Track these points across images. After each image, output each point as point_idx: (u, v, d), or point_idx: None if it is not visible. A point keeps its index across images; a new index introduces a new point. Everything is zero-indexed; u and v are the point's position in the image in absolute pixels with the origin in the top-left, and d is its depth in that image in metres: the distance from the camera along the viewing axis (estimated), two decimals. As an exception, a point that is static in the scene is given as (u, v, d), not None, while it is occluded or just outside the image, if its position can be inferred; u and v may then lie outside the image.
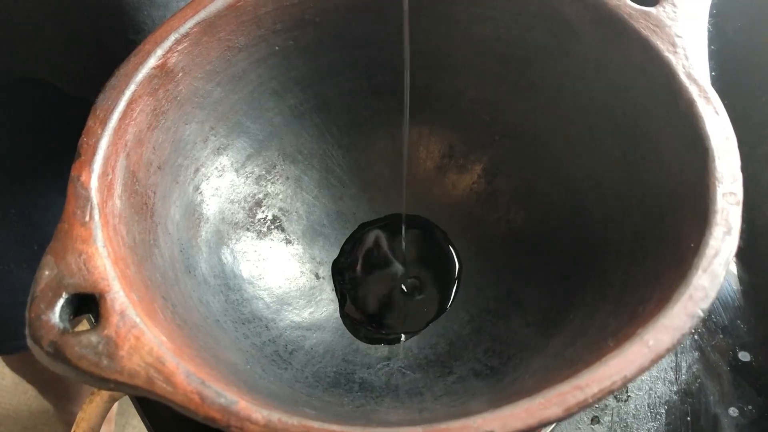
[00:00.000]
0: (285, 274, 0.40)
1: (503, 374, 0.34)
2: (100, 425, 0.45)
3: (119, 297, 0.28)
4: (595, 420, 0.39)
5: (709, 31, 0.48)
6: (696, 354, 0.42)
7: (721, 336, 0.42)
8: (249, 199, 0.41)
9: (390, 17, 0.41)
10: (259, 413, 0.25)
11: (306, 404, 0.32)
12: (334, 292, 0.40)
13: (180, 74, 0.37)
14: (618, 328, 0.30)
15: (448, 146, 0.43)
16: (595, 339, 0.31)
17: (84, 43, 0.49)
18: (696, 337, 0.42)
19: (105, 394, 0.46)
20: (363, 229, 0.43)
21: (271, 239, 0.41)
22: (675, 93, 0.34)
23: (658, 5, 0.36)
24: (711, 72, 0.40)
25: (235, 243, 0.39)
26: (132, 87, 0.34)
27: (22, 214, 0.63)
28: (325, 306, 0.40)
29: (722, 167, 0.31)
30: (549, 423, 0.25)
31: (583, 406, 0.25)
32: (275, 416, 0.25)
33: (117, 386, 0.26)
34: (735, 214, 0.30)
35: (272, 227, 0.41)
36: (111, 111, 0.33)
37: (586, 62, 0.38)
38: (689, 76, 0.34)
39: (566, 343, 0.33)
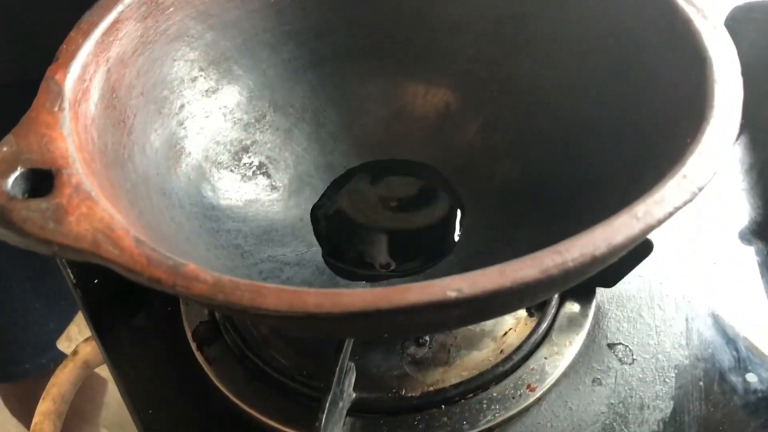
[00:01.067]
0: (268, 215, 0.38)
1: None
2: (71, 393, 0.43)
3: (77, 173, 0.27)
4: (596, 382, 0.36)
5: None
6: (709, 320, 0.38)
7: (736, 303, 0.39)
8: (235, 143, 0.40)
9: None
10: (208, 274, 0.23)
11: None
12: (318, 236, 0.38)
13: (171, 8, 0.37)
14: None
15: (444, 105, 0.42)
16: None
17: None
18: (710, 304, 0.39)
19: (79, 360, 0.43)
20: (349, 175, 0.41)
21: (256, 183, 0.39)
22: (672, 16, 0.33)
23: (652, -59, 0.36)
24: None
25: (218, 180, 0.38)
26: (119, 7, 0.34)
27: None
28: (306, 247, 0.38)
29: (721, 71, 0.29)
30: (524, 285, 0.22)
31: (563, 269, 0.23)
32: (226, 277, 0.23)
33: (61, 249, 0.25)
34: (734, 107, 0.28)
35: (258, 173, 0.40)
36: (95, 25, 0.33)
37: (583, 8, 0.37)
38: (687, 0, 0.33)
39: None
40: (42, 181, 0.27)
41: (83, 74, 0.32)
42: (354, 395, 0.34)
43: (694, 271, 0.41)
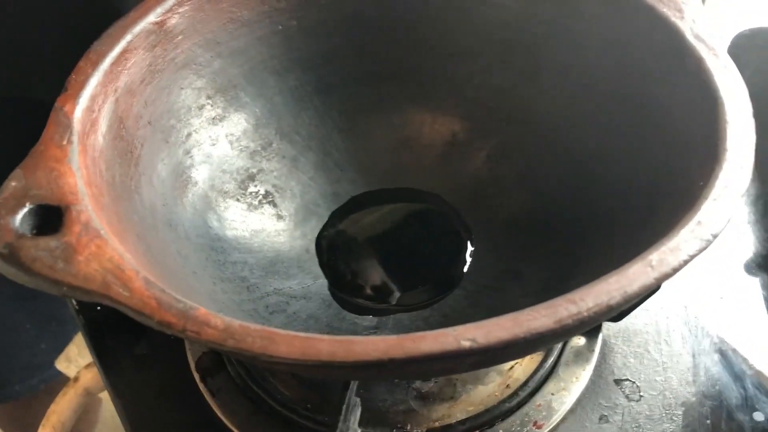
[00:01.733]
0: (274, 246, 0.38)
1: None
2: (71, 420, 0.42)
3: (86, 210, 0.26)
4: (603, 419, 0.36)
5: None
6: (716, 356, 0.38)
7: (743, 340, 0.39)
8: (242, 171, 0.39)
9: (397, 4, 0.41)
10: (219, 318, 0.23)
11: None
12: (324, 267, 0.38)
13: (179, 37, 0.37)
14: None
15: (451, 134, 0.42)
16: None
17: None
18: (716, 339, 0.39)
19: (79, 387, 0.43)
20: (354, 204, 0.41)
21: (262, 213, 0.39)
22: (683, 54, 0.33)
23: (663, -22, 0.36)
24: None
25: (224, 210, 0.38)
26: (128, 37, 0.34)
27: None
28: (313, 279, 0.37)
29: (733, 112, 0.29)
30: (539, 335, 0.22)
31: (577, 319, 0.22)
32: (236, 322, 0.23)
33: (70, 290, 0.24)
34: (747, 151, 0.28)
35: (264, 202, 0.40)
36: (104, 55, 0.33)
37: (592, 40, 0.37)
38: (697, 37, 0.33)
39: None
40: (50, 217, 0.27)
41: (92, 105, 0.31)
42: (359, 431, 0.34)
43: (701, 306, 0.41)
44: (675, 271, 0.24)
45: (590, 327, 0.27)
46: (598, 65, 0.37)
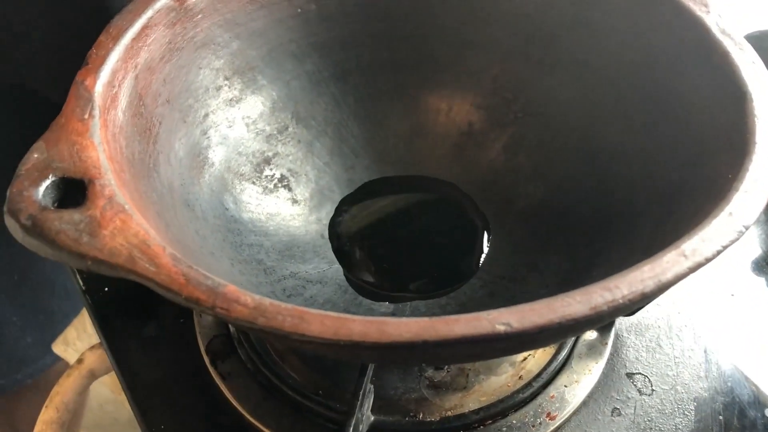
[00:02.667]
0: (289, 230, 0.38)
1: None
2: (75, 402, 0.42)
3: (109, 184, 0.26)
4: (615, 412, 0.36)
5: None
6: (728, 353, 0.38)
7: (755, 337, 0.39)
8: (258, 154, 0.39)
9: (416, -10, 0.41)
10: (248, 296, 0.23)
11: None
12: (338, 253, 0.38)
13: (199, 15, 0.36)
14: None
15: (467, 123, 0.42)
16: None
17: (80, 53, 0.48)
18: (728, 336, 0.39)
19: (84, 369, 0.42)
20: (368, 190, 0.41)
21: (277, 197, 0.39)
22: (708, 48, 0.33)
23: (689, -28, 0.35)
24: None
25: (240, 193, 0.37)
26: (149, 12, 0.34)
27: (2, 237, 0.58)
28: (328, 264, 0.37)
29: (762, 106, 0.29)
30: (573, 321, 0.22)
31: (612, 306, 0.22)
32: (267, 300, 0.23)
33: (95, 264, 0.24)
34: (776, 145, 0.28)
35: (279, 185, 0.39)
36: (125, 30, 0.32)
37: (613, 33, 0.37)
38: (723, 31, 0.33)
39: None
40: (73, 191, 0.26)
41: (112, 80, 0.31)
42: (372, 418, 0.33)
43: (713, 302, 0.41)
44: (707, 260, 0.24)
45: (622, 314, 0.27)
46: (619, 58, 0.37)
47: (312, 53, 0.41)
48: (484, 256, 0.38)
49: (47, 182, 0.26)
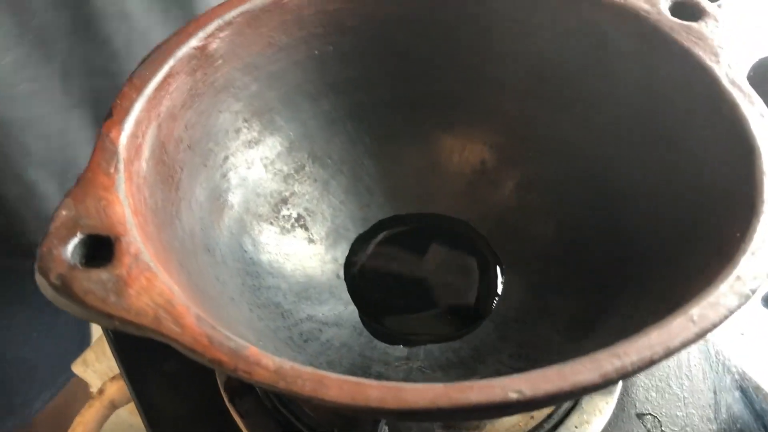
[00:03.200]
0: (305, 270, 0.39)
1: (530, 374, 0.32)
2: (96, 431, 0.43)
3: (135, 241, 0.27)
4: (625, 453, 0.36)
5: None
6: (737, 393, 0.39)
7: (765, 376, 0.39)
8: (275, 195, 0.40)
9: (432, 30, 0.41)
10: (270, 359, 0.24)
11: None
12: (353, 293, 0.39)
13: (219, 61, 0.37)
14: (657, 321, 0.28)
15: (480, 161, 0.43)
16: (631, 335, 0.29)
17: None
18: (737, 377, 0.39)
19: (105, 399, 0.44)
20: (382, 228, 0.41)
21: (294, 236, 0.40)
22: (718, 99, 0.33)
23: (700, 20, 0.36)
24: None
25: (258, 234, 0.38)
26: (171, 62, 0.34)
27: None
28: (344, 305, 0.38)
29: (770, 163, 0.30)
30: (583, 388, 0.23)
31: (622, 373, 0.23)
32: (287, 363, 0.23)
33: (122, 324, 0.25)
34: (785, 204, 0.28)
35: (296, 225, 0.40)
36: (148, 80, 0.33)
37: (627, 77, 0.38)
38: (732, 82, 0.33)
39: (598, 344, 0.31)
40: (99, 247, 0.27)
41: (136, 131, 0.32)
42: (387, 458, 0.34)
43: (722, 341, 0.41)
44: (715, 326, 0.24)
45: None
46: (630, 103, 0.38)
47: (328, 93, 0.42)
48: (497, 298, 0.39)
49: (75, 240, 0.27)
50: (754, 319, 0.43)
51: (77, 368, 0.63)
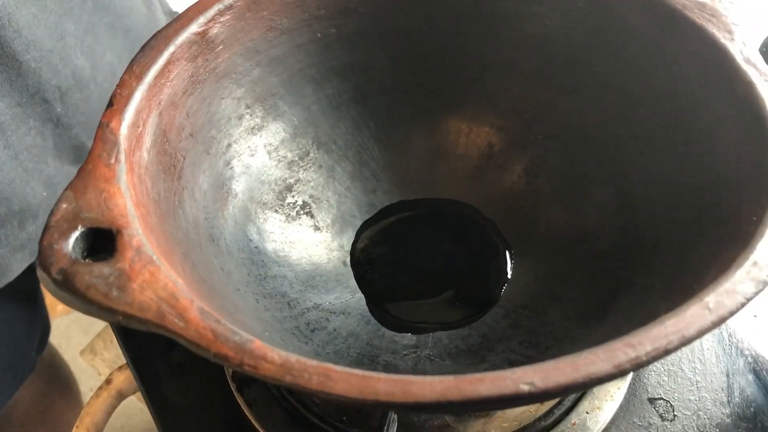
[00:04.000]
0: (311, 258, 0.38)
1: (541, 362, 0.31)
2: (104, 422, 0.43)
3: (137, 234, 0.26)
4: (638, 438, 0.36)
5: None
6: (750, 377, 0.38)
7: (778, 360, 0.39)
8: (280, 182, 0.39)
9: (436, 12, 0.41)
10: (275, 352, 0.23)
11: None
12: (360, 281, 0.38)
13: (220, 46, 0.37)
14: (670, 308, 0.27)
15: (487, 145, 0.42)
16: (644, 322, 0.28)
17: None
18: (750, 360, 0.39)
19: (112, 389, 0.43)
20: (389, 214, 0.41)
21: (300, 224, 0.39)
22: (732, 78, 0.32)
23: (713, -4, 0.35)
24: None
25: (263, 222, 0.38)
26: (171, 48, 0.34)
27: None
28: (351, 293, 0.38)
29: (787, 144, 0.29)
30: (597, 380, 0.22)
31: (636, 364, 0.22)
32: (293, 357, 0.23)
33: (125, 319, 0.24)
34: (802, 187, 0.28)
35: (301, 213, 0.40)
36: (148, 68, 0.33)
37: (637, 57, 0.37)
38: (747, 60, 0.32)
39: (610, 330, 0.30)
40: (101, 240, 0.27)
41: (137, 120, 0.31)
42: (396, 446, 0.34)
43: (734, 324, 0.41)
44: (731, 314, 0.24)
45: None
46: (641, 83, 0.37)
47: (332, 77, 0.41)
48: (506, 285, 0.38)
49: (76, 233, 0.26)
50: (767, 302, 0.43)
51: (85, 356, 0.63)
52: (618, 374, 0.22)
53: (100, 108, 0.51)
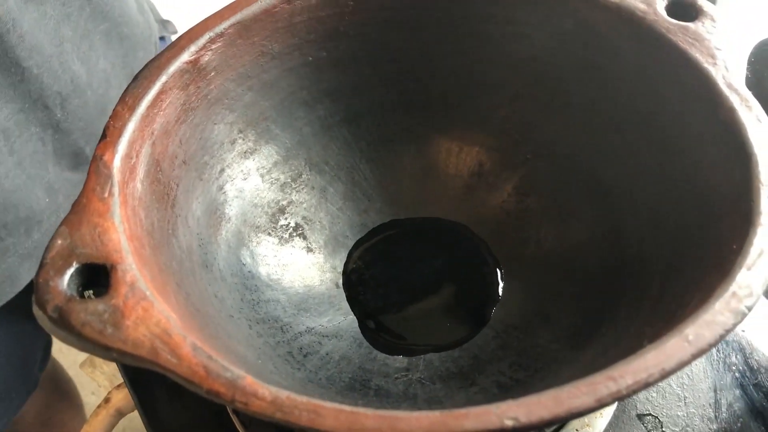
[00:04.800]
0: (304, 281, 0.39)
1: (529, 386, 0.32)
2: (104, 440, 0.43)
3: (131, 269, 0.27)
4: (627, 455, 0.37)
5: (747, 78, 0.47)
6: (737, 392, 0.39)
7: (765, 374, 0.39)
8: (272, 204, 0.40)
9: (425, 33, 0.41)
10: (266, 389, 0.24)
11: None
12: (352, 303, 0.39)
13: (212, 73, 0.37)
14: (655, 334, 0.28)
15: (477, 164, 0.42)
16: (629, 347, 0.29)
17: None
18: (737, 375, 0.40)
19: (111, 407, 0.44)
20: (379, 232, 0.41)
21: (293, 246, 0.40)
22: (715, 103, 0.33)
23: (696, 20, 0.36)
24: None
25: (256, 246, 0.38)
26: (163, 78, 0.34)
27: None
28: (343, 315, 0.38)
29: (767, 171, 0.29)
30: (579, 413, 0.23)
31: (617, 397, 0.23)
32: (283, 393, 0.24)
33: (120, 356, 0.25)
34: (782, 215, 0.28)
35: (294, 234, 0.40)
36: (140, 98, 0.33)
37: (622, 79, 0.37)
38: (729, 86, 0.33)
39: (597, 353, 0.31)
40: (95, 275, 0.27)
41: (130, 152, 0.32)
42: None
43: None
44: (711, 346, 0.24)
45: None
46: (626, 105, 0.37)
47: (323, 99, 0.42)
48: (497, 305, 0.39)
49: (71, 270, 0.27)
50: (755, 314, 0.43)
51: (85, 369, 0.64)
52: (599, 407, 0.23)
53: (96, 114, 0.52)
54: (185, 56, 0.35)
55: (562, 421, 0.23)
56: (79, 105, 0.50)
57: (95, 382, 0.65)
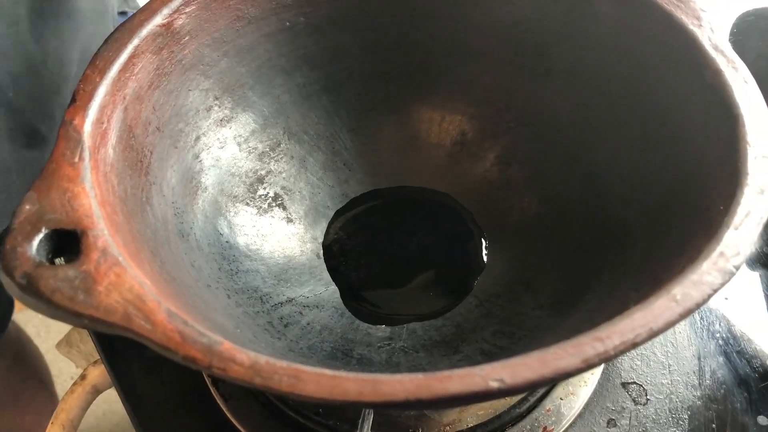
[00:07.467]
0: (285, 251, 0.38)
1: (513, 353, 0.31)
2: (80, 417, 0.42)
3: (102, 234, 0.26)
4: (611, 423, 0.36)
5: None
6: (721, 359, 0.39)
7: (747, 342, 0.39)
8: (251, 174, 0.39)
9: (405, 1, 0.40)
10: (244, 354, 0.23)
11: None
12: (333, 273, 0.38)
13: (186, 37, 0.36)
14: (641, 298, 0.27)
15: (460, 133, 0.42)
16: (614, 312, 0.28)
17: None
18: (721, 342, 0.39)
19: (87, 385, 0.43)
20: (360, 202, 0.41)
21: (272, 216, 0.39)
22: (701, 65, 0.32)
23: (681, -19, 0.35)
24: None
25: (233, 216, 0.37)
26: (135, 41, 0.33)
27: None
28: (324, 286, 0.37)
29: (753, 131, 0.29)
30: (565, 374, 0.22)
31: (604, 358, 0.22)
32: (262, 358, 0.23)
33: (92, 322, 0.24)
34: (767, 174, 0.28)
35: (273, 205, 0.39)
36: (111, 62, 0.32)
37: (605, 43, 0.37)
38: (715, 47, 0.32)
39: (582, 319, 0.31)
40: (66, 241, 0.26)
41: (101, 116, 0.31)
42: (372, 437, 0.34)
43: (706, 307, 0.41)
44: (698, 306, 0.24)
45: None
46: (610, 70, 0.37)
47: (302, 66, 0.41)
48: (480, 274, 0.38)
49: (40, 236, 0.26)
50: (739, 282, 0.43)
51: (61, 349, 0.62)
52: (586, 368, 0.23)
53: (51, 93, 0.51)
54: (158, 19, 0.34)
55: (549, 383, 0.22)
56: (32, 84, 0.49)
57: (72, 362, 0.63)
